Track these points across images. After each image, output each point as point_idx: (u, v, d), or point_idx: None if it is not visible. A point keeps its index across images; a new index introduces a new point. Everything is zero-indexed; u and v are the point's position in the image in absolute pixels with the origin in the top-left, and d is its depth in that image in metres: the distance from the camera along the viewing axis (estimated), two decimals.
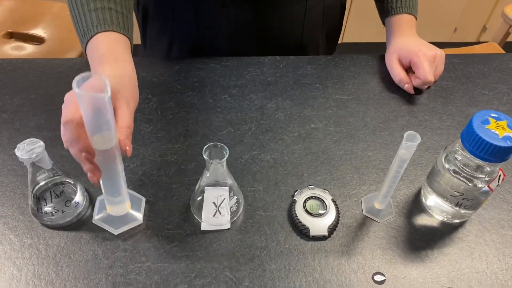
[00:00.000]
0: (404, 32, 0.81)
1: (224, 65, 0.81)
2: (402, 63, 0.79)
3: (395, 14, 0.82)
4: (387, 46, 0.84)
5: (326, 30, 0.92)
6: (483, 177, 0.52)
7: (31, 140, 0.50)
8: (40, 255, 0.54)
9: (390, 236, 0.57)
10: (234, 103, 0.74)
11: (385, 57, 0.83)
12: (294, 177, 0.63)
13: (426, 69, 0.74)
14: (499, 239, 0.57)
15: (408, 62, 0.78)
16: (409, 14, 0.82)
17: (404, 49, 0.78)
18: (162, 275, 0.52)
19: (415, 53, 0.76)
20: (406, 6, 0.81)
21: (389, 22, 0.84)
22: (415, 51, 0.76)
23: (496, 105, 0.76)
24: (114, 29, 0.57)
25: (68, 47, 1.36)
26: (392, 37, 0.83)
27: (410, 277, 0.53)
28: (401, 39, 0.81)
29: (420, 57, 0.75)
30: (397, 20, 0.82)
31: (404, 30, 0.81)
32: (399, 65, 0.79)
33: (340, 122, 0.71)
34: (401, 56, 0.79)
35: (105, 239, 0.55)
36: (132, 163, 0.64)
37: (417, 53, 0.76)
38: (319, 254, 0.55)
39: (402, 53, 0.78)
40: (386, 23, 0.85)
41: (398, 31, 0.82)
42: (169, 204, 0.59)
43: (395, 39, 0.82)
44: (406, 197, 0.61)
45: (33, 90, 0.75)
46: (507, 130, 0.48)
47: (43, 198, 0.55)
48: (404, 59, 0.78)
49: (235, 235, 0.56)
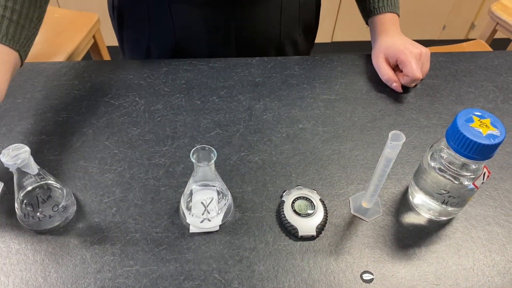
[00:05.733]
0: (388, 32, 0.81)
1: (211, 66, 0.81)
2: (389, 62, 0.80)
3: (378, 14, 0.82)
4: (373, 46, 0.84)
5: (303, 25, 0.92)
6: (469, 174, 0.52)
7: (16, 145, 0.50)
8: (27, 261, 0.53)
9: (378, 235, 0.57)
10: (222, 105, 0.74)
11: (372, 57, 0.83)
12: (283, 178, 0.63)
13: (413, 66, 0.74)
14: (485, 236, 0.57)
15: (395, 61, 0.78)
16: (392, 12, 0.82)
17: (390, 48, 0.79)
18: (150, 279, 0.52)
19: (401, 51, 0.76)
20: (388, 5, 0.82)
21: (372, 22, 0.84)
22: (401, 49, 0.76)
23: (482, 102, 0.77)
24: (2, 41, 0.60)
25: (55, 51, 1.35)
26: (377, 37, 0.83)
27: (398, 275, 0.53)
28: (387, 39, 0.81)
29: (407, 55, 0.75)
30: (381, 19, 0.83)
31: (388, 30, 0.82)
32: (386, 64, 0.79)
33: (327, 122, 0.72)
34: (388, 55, 0.79)
35: (93, 243, 0.55)
36: (120, 166, 0.64)
37: (403, 51, 0.76)
38: (308, 254, 0.55)
39: (388, 52, 0.79)
40: (369, 23, 0.85)
41: (382, 30, 0.82)
42: (157, 207, 0.59)
43: (380, 39, 0.82)
44: (393, 196, 0.62)
45: (20, 95, 0.74)
46: (490, 128, 0.49)
47: (30, 203, 0.55)
48: (391, 58, 0.79)
49: (224, 236, 0.56)
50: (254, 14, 0.83)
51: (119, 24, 0.90)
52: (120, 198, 0.60)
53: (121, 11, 0.87)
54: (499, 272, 0.54)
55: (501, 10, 1.47)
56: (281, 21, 0.86)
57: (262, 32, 0.86)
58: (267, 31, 0.86)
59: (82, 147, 0.66)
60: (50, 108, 0.72)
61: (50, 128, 0.69)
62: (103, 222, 0.57)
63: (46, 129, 0.69)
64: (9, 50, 0.62)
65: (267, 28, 0.86)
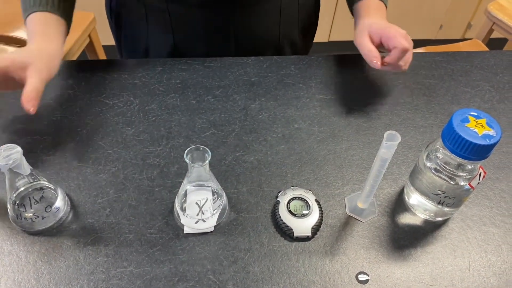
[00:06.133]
0: (371, 16, 0.74)
1: (207, 66, 0.81)
2: (373, 40, 0.71)
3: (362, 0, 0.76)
4: (356, 27, 0.76)
5: (302, 26, 0.91)
6: (464, 175, 0.52)
7: (8, 145, 0.49)
8: (20, 262, 0.53)
9: (374, 236, 0.57)
10: (218, 104, 0.74)
11: (354, 38, 0.74)
12: (278, 178, 0.63)
13: (401, 39, 0.67)
14: (481, 236, 0.57)
15: (379, 39, 0.70)
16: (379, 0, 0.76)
17: (374, 25, 0.71)
18: (144, 280, 0.51)
19: (386, 27, 0.70)
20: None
21: (356, 9, 0.78)
22: (386, 26, 0.70)
23: (478, 102, 0.76)
24: (48, 9, 0.67)
25: None
26: (360, 19, 0.76)
27: (393, 276, 0.53)
28: (371, 19, 0.74)
29: (392, 30, 0.68)
30: (365, 4, 0.76)
31: (372, 14, 0.75)
32: (369, 41, 0.70)
33: (323, 122, 0.71)
34: (372, 32, 0.71)
35: (87, 245, 0.54)
36: (114, 166, 0.63)
37: (388, 28, 0.69)
38: (303, 255, 0.54)
39: (372, 29, 0.71)
40: (354, 10, 0.79)
41: (366, 14, 0.75)
42: (151, 207, 0.59)
43: (363, 20, 0.75)
44: (389, 196, 0.61)
45: (12, 94, 0.73)
46: (486, 128, 0.49)
47: (22, 204, 0.54)
48: (375, 35, 0.70)
49: (219, 237, 0.56)
50: (253, 15, 0.82)
51: (117, 26, 0.89)
52: (114, 199, 0.59)
53: (119, 13, 0.86)
54: (495, 272, 0.54)
55: (497, 9, 1.47)
56: (280, 22, 0.85)
57: (261, 33, 0.86)
58: (266, 32, 0.86)
59: (76, 147, 0.66)
60: (44, 107, 0.72)
61: (43, 128, 0.68)
62: (96, 223, 0.57)
63: (40, 129, 0.68)
64: (58, 18, 0.67)
65: (266, 29, 0.85)
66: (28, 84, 0.59)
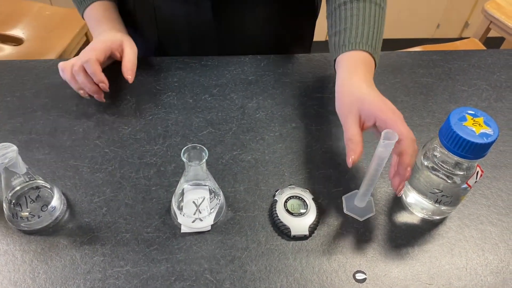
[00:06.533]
0: (359, 74, 0.60)
1: (204, 64, 0.80)
2: (362, 120, 0.57)
3: (349, 50, 0.63)
4: (340, 88, 0.61)
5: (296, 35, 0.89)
6: (462, 173, 0.52)
7: (3, 144, 0.49)
8: (16, 262, 0.52)
9: (371, 234, 0.57)
10: (215, 103, 0.73)
11: (336, 102, 0.60)
12: (275, 177, 0.63)
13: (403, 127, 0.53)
14: (478, 235, 0.57)
15: (371, 121, 0.56)
16: (368, 53, 0.63)
17: (365, 101, 0.57)
18: (141, 279, 0.51)
19: (381, 109, 0.55)
20: (367, 45, 0.63)
21: (341, 60, 0.64)
22: (381, 107, 0.56)
23: (475, 101, 0.76)
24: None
25: (47, 48, 1.34)
26: (344, 75, 0.62)
27: (391, 274, 0.53)
28: (358, 82, 0.59)
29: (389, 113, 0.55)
30: (351, 56, 0.63)
31: (359, 71, 0.61)
32: (357, 122, 0.56)
33: (320, 121, 0.71)
34: (363, 110, 0.56)
35: (83, 244, 0.54)
36: (110, 165, 0.63)
37: (385, 110, 0.55)
38: (300, 254, 0.54)
39: (364, 107, 0.56)
40: (337, 62, 0.65)
41: (352, 70, 0.61)
42: (148, 206, 0.58)
43: (349, 78, 0.60)
44: (386, 195, 0.61)
45: (9, 93, 0.73)
46: (483, 127, 0.49)
47: (18, 203, 0.54)
48: (366, 116, 0.56)
49: (216, 236, 0.56)
50: (237, 13, 0.81)
51: None
52: (110, 198, 0.59)
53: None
54: (492, 271, 0.54)
55: (494, 8, 1.48)
56: (267, 22, 0.84)
57: (245, 31, 0.84)
58: (250, 30, 0.84)
59: (72, 146, 0.65)
60: (40, 106, 0.71)
61: (39, 127, 0.68)
62: (93, 222, 0.57)
63: (36, 128, 0.68)
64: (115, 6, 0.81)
65: (250, 27, 0.84)
66: (125, 57, 0.71)
